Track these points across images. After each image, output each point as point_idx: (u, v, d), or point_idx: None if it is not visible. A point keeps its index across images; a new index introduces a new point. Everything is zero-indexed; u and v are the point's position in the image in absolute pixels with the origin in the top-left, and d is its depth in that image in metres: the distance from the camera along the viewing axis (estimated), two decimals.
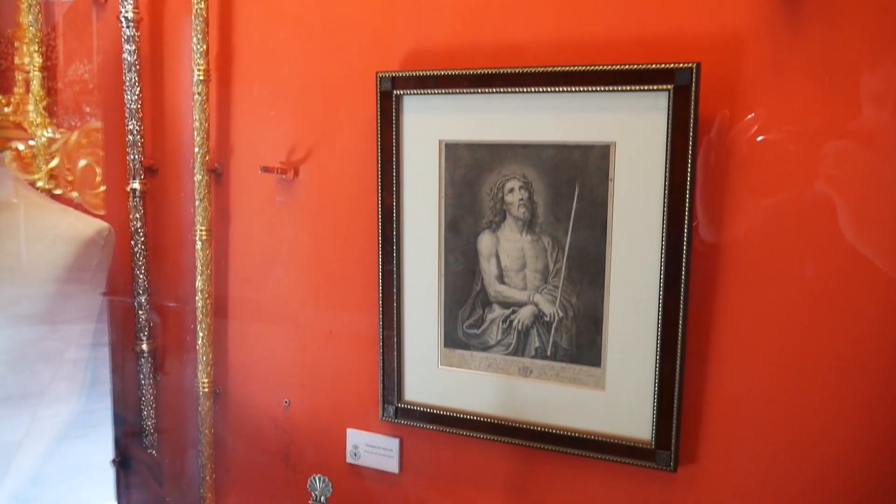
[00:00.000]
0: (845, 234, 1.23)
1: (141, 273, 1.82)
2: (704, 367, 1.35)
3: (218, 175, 1.74)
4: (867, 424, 1.26)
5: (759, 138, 1.26)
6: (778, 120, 1.25)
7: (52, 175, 1.90)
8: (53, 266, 1.68)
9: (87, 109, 1.89)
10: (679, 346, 1.32)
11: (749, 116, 1.26)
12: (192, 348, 1.79)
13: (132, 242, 1.80)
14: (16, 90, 1.89)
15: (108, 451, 1.81)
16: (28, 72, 1.88)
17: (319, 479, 1.37)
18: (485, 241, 1.45)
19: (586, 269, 1.38)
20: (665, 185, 1.28)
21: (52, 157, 1.90)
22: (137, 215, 1.79)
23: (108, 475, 1.83)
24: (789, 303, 1.28)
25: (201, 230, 1.72)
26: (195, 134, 1.68)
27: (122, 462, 1.81)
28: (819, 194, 1.23)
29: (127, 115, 1.76)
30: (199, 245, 1.72)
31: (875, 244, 1.22)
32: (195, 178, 1.70)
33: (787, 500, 1.32)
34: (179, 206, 1.80)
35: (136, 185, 1.78)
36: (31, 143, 1.89)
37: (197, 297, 1.75)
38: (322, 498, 1.37)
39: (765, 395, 1.32)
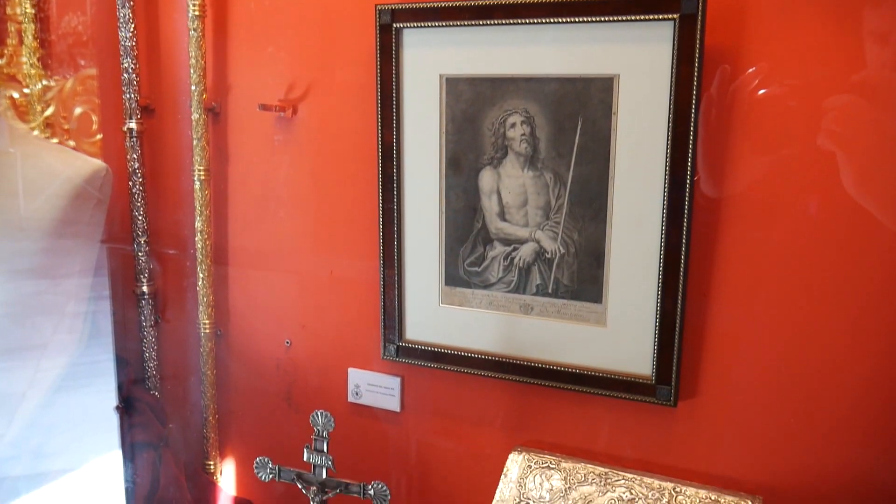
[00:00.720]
0: (847, 188, 1.22)
1: (140, 214, 1.80)
2: (705, 303, 1.35)
3: (215, 114, 1.72)
4: (863, 362, 1.26)
5: (761, 92, 1.24)
6: (780, 73, 1.23)
7: (47, 123, 1.87)
8: (53, 207, 1.66)
9: (82, 63, 1.85)
10: (681, 282, 1.32)
11: (750, 70, 1.24)
12: (192, 290, 1.79)
13: (130, 183, 1.79)
14: (9, 42, 1.85)
15: (111, 400, 1.82)
16: (21, 22, 1.83)
17: (321, 414, 1.37)
18: (486, 178, 1.44)
19: (588, 205, 1.37)
20: (669, 118, 1.26)
21: (48, 106, 1.87)
22: (135, 155, 1.77)
23: (112, 423, 1.84)
24: (791, 247, 1.28)
25: (199, 170, 1.70)
26: (191, 72, 1.65)
27: (125, 402, 1.82)
28: (821, 149, 1.22)
29: (122, 53, 1.73)
30: (197, 185, 1.71)
31: (877, 198, 1.21)
32: (192, 118, 1.67)
33: (786, 433, 1.33)
34: (177, 147, 1.78)
35: (133, 124, 1.75)
36: (26, 90, 1.86)
37: (196, 238, 1.74)
38: (324, 433, 1.38)
39: (764, 333, 1.32)
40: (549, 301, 1.44)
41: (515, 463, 1.45)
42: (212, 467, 1.87)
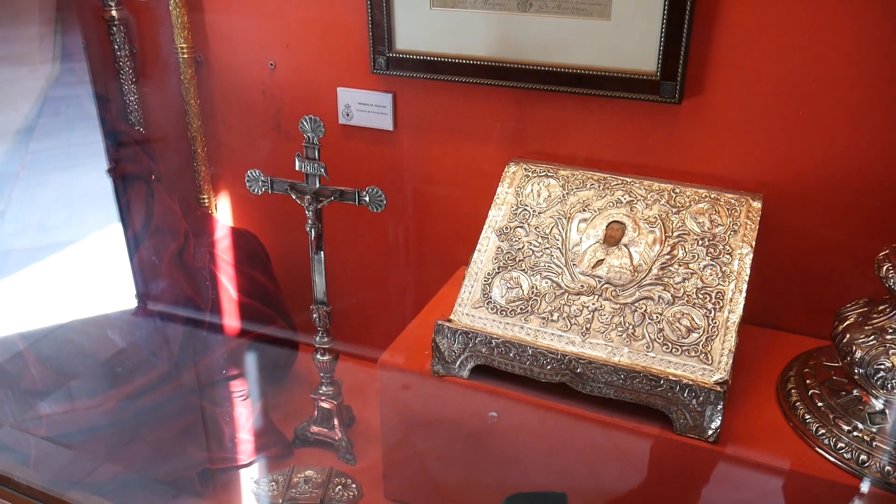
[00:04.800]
0: None
1: None
2: None
3: None
4: (866, 64, 1.20)
5: None
6: None
7: None
8: None
9: None
10: None
11: None
12: (165, 10, 1.66)
13: None
14: None
15: (103, 177, 1.78)
16: None
17: (309, 119, 1.31)
18: None
19: None
20: None
21: None
22: None
23: (108, 195, 1.80)
24: None
25: None
26: None
27: (110, 138, 1.76)
28: None
29: None
30: None
31: None
32: None
33: (790, 131, 1.29)
34: None
35: None
36: None
37: None
38: (314, 140, 1.33)
39: (775, 26, 1.23)
40: None
41: (513, 173, 1.42)
42: (206, 201, 1.85)
